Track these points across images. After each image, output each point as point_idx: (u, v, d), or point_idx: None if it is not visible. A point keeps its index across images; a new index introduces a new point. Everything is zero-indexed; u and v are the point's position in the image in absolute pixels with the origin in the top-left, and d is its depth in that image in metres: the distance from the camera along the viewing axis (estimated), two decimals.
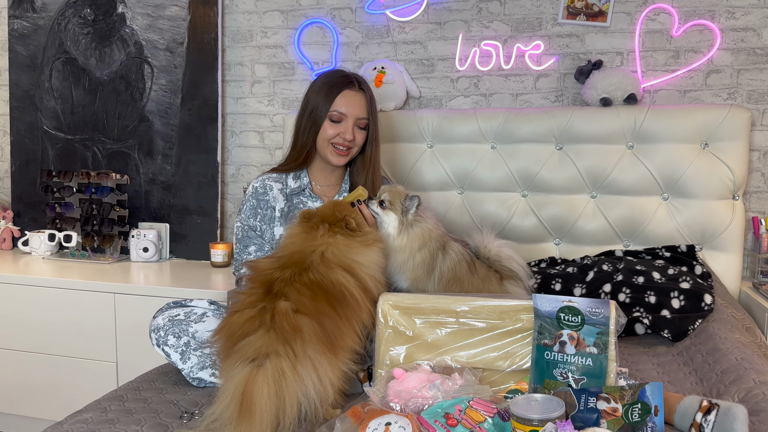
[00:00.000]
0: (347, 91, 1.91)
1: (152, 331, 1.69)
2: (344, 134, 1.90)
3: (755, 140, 2.49)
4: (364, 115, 1.93)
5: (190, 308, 1.75)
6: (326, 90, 1.92)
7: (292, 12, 2.91)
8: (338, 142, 1.91)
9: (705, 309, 1.95)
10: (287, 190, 1.98)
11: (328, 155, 1.94)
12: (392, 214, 1.76)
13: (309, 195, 2.00)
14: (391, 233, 1.75)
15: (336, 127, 1.91)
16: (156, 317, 1.72)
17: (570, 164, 2.49)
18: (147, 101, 2.98)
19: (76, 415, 1.43)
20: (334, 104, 1.90)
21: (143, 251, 2.86)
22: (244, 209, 1.97)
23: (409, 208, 1.76)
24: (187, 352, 1.64)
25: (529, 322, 1.42)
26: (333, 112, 1.90)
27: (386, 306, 1.52)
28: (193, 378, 1.63)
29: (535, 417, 1.11)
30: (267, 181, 1.98)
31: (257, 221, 1.95)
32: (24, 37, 3.15)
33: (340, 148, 1.92)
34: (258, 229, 1.95)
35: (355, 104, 1.91)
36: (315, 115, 1.92)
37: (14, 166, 3.21)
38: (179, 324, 1.68)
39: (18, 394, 2.64)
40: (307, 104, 1.95)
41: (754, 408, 1.31)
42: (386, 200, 1.77)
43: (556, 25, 2.62)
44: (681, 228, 2.40)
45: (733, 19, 2.47)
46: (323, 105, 1.91)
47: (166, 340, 1.66)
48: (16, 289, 2.59)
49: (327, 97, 1.91)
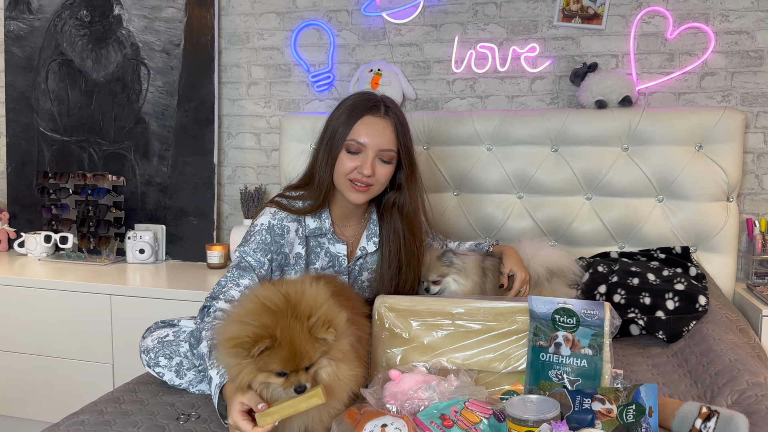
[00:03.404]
0: (369, 117, 1.63)
1: (142, 352, 1.65)
2: (361, 168, 1.61)
3: (749, 142, 2.51)
4: (389, 146, 1.63)
5: (179, 327, 1.70)
6: (347, 114, 1.64)
7: (288, 14, 2.91)
8: (355, 177, 1.63)
9: (699, 310, 1.96)
10: (306, 231, 1.70)
11: (345, 191, 1.66)
12: (448, 278, 1.82)
13: (331, 238, 1.74)
14: (459, 287, 1.81)
15: (353, 159, 1.62)
16: (145, 338, 1.68)
17: (565, 166, 2.50)
18: (143, 103, 2.98)
19: (73, 417, 1.43)
20: (352, 132, 1.62)
21: (139, 253, 2.86)
22: (250, 241, 1.64)
23: (452, 260, 1.81)
24: (181, 370, 1.60)
25: (525, 323, 1.42)
26: (350, 141, 1.62)
27: (382, 308, 1.52)
28: (193, 391, 1.59)
29: (530, 418, 1.12)
30: (285, 222, 1.67)
31: (266, 258, 1.63)
32: (20, 38, 3.15)
33: (358, 185, 1.64)
34: (264, 266, 1.63)
35: (377, 133, 1.62)
36: (332, 144, 1.64)
37: (10, 168, 3.20)
38: (169, 345, 1.63)
39: (14, 395, 2.64)
40: (327, 129, 1.68)
41: (748, 409, 1.32)
42: (434, 279, 1.82)
43: (552, 28, 2.64)
44: (676, 230, 2.41)
45: (727, 22, 2.48)
46: (342, 132, 1.63)
47: (157, 361, 1.62)
48: (12, 290, 2.59)
49: (347, 122, 1.63)
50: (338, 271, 1.76)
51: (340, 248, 1.75)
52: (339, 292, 1.38)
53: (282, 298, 1.21)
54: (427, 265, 1.81)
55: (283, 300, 1.21)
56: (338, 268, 1.76)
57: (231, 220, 3.09)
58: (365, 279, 1.80)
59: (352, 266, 1.78)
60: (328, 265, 1.75)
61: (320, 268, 1.74)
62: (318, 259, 1.74)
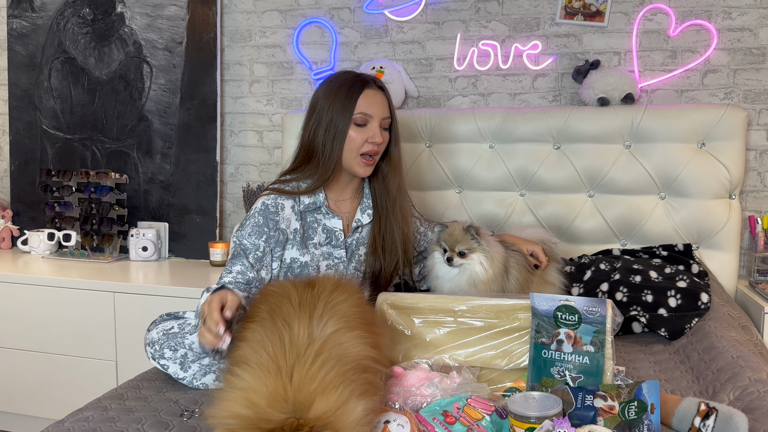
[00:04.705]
0: (368, 91, 1.73)
1: (147, 344, 1.66)
2: (373, 137, 1.72)
3: (751, 140, 2.50)
4: (388, 114, 1.77)
5: (184, 320, 1.71)
6: (344, 93, 1.72)
7: (290, 12, 2.91)
8: (367, 150, 1.73)
9: (701, 307, 1.96)
10: (300, 206, 1.77)
11: (356, 168, 1.75)
12: (474, 256, 1.73)
13: (326, 212, 1.80)
14: (484, 272, 1.72)
15: (363, 132, 1.72)
16: (150, 330, 1.69)
17: (568, 164, 2.50)
18: (146, 101, 2.98)
19: (77, 414, 1.43)
20: (357, 106, 1.71)
21: (142, 250, 2.87)
22: (245, 226, 1.72)
23: (479, 236, 1.73)
24: (186, 362, 1.61)
25: (527, 320, 1.43)
26: (357, 114, 1.71)
27: (385, 306, 1.53)
28: (196, 384, 1.60)
29: (532, 414, 1.13)
30: (279, 200, 1.74)
31: (261, 240, 1.70)
32: (23, 36, 3.15)
33: (368, 157, 1.74)
34: (260, 249, 1.70)
35: (379, 104, 1.74)
36: (337, 124, 1.71)
37: (13, 166, 3.21)
38: (174, 337, 1.63)
39: (17, 392, 2.65)
40: (321, 116, 1.74)
41: (749, 406, 1.33)
42: (462, 250, 1.73)
43: (554, 25, 2.63)
44: (678, 227, 2.41)
45: (730, 20, 2.48)
46: (344, 110, 1.71)
47: (162, 353, 1.62)
48: (16, 288, 2.60)
49: (347, 100, 1.71)
50: (335, 245, 1.81)
51: (336, 223, 1.81)
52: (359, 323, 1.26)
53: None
54: (453, 234, 1.75)
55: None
56: (335, 242, 1.82)
57: (233, 217, 3.09)
58: (362, 253, 1.87)
59: (350, 242, 1.84)
60: (326, 241, 1.81)
61: (318, 243, 1.80)
62: (315, 235, 1.80)
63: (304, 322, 1.18)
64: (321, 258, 1.81)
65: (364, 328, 1.24)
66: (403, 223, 1.86)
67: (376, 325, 1.36)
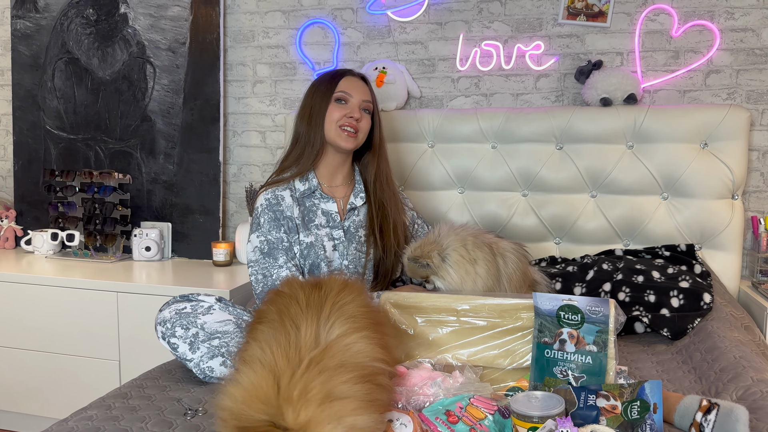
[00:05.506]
0: (349, 77, 1.94)
1: (158, 323, 1.67)
2: (351, 113, 1.89)
3: (754, 140, 2.50)
4: (368, 98, 1.94)
5: (197, 302, 1.73)
6: (327, 80, 1.93)
7: (293, 12, 2.92)
8: (345, 123, 1.88)
9: (704, 308, 1.96)
10: (296, 194, 1.92)
11: (337, 140, 1.89)
12: (433, 278, 1.72)
13: (320, 196, 1.95)
14: (452, 284, 1.70)
15: (342, 108, 1.90)
16: (162, 310, 1.71)
17: (570, 164, 2.50)
18: (149, 101, 2.99)
19: (81, 413, 1.44)
20: (338, 87, 1.91)
21: (145, 250, 2.87)
22: (262, 224, 1.88)
23: (428, 259, 1.72)
24: (196, 342, 1.62)
25: (530, 320, 1.43)
26: (338, 93, 1.90)
27: (387, 305, 1.53)
28: (202, 368, 1.61)
29: (535, 414, 1.13)
30: (277, 192, 1.91)
31: (282, 233, 1.86)
32: (27, 37, 3.16)
33: (349, 130, 1.89)
34: (284, 240, 1.86)
35: (358, 87, 1.93)
36: (319, 104, 1.90)
37: (17, 166, 3.22)
38: (186, 316, 1.66)
39: (21, 392, 2.65)
40: (307, 103, 1.95)
41: (752, 406, 1.33)
42: (420, 279, 1.76)
43: (557, 26, 2.64)
44: (680, 227, 2.41)
45: (733, 20, 2.48)
46: (326, 92, 1.90)
47: (173, 331, 1.64)
48: (19, 288, 2.60)
49: (329, 85, 1.91)
50: (333, 227, 1.93)
51: (331, 206, 1.95)
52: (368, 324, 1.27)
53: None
54: (410, 268, 1.78)
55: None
56: (333, 224, 1.93)
57: (236, 217, 3.10)
58: (362, 235, 1.97)
59: (347, 225, 1.95)
60: (326, 223, 1.93)
61: (320, 225, 1.92)
62: (316, 217, 1.93)
63: (312, 324, 1.19)
64: (326, 238, 1.91)
65: (371, 328, 1.24)
66: (395, 210, 2.00)
67: (383, 324, 1.37)
